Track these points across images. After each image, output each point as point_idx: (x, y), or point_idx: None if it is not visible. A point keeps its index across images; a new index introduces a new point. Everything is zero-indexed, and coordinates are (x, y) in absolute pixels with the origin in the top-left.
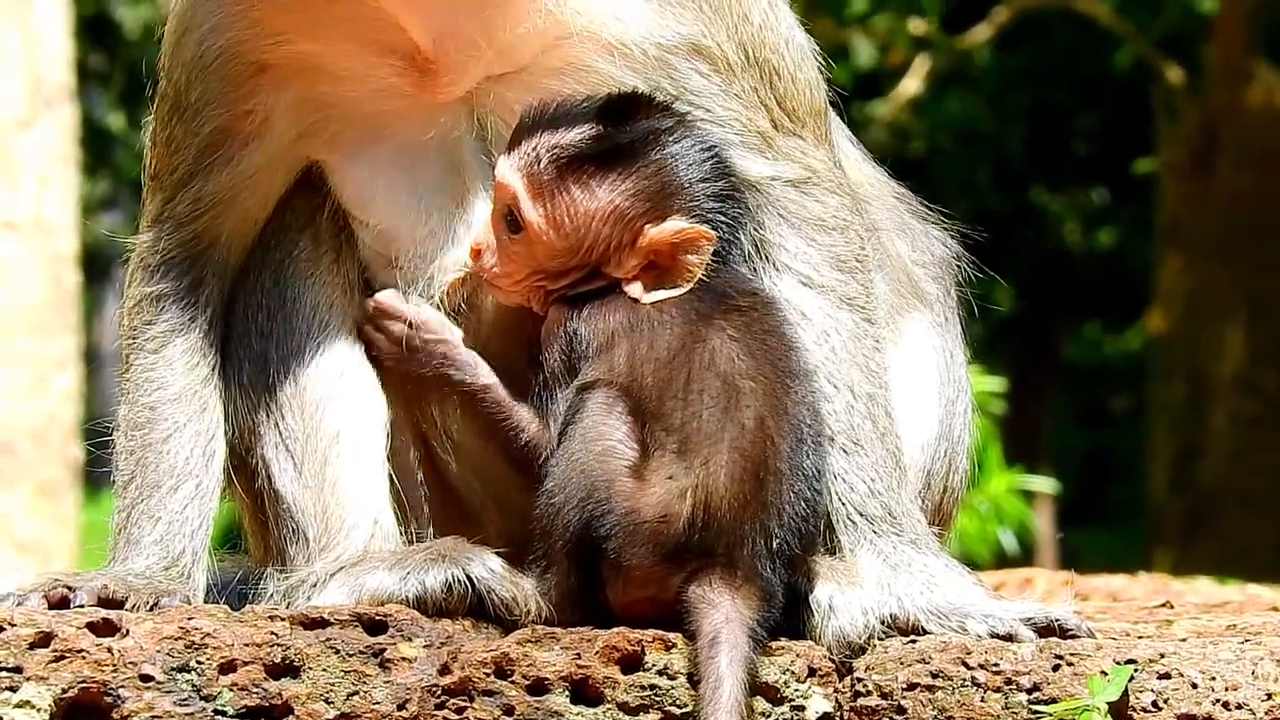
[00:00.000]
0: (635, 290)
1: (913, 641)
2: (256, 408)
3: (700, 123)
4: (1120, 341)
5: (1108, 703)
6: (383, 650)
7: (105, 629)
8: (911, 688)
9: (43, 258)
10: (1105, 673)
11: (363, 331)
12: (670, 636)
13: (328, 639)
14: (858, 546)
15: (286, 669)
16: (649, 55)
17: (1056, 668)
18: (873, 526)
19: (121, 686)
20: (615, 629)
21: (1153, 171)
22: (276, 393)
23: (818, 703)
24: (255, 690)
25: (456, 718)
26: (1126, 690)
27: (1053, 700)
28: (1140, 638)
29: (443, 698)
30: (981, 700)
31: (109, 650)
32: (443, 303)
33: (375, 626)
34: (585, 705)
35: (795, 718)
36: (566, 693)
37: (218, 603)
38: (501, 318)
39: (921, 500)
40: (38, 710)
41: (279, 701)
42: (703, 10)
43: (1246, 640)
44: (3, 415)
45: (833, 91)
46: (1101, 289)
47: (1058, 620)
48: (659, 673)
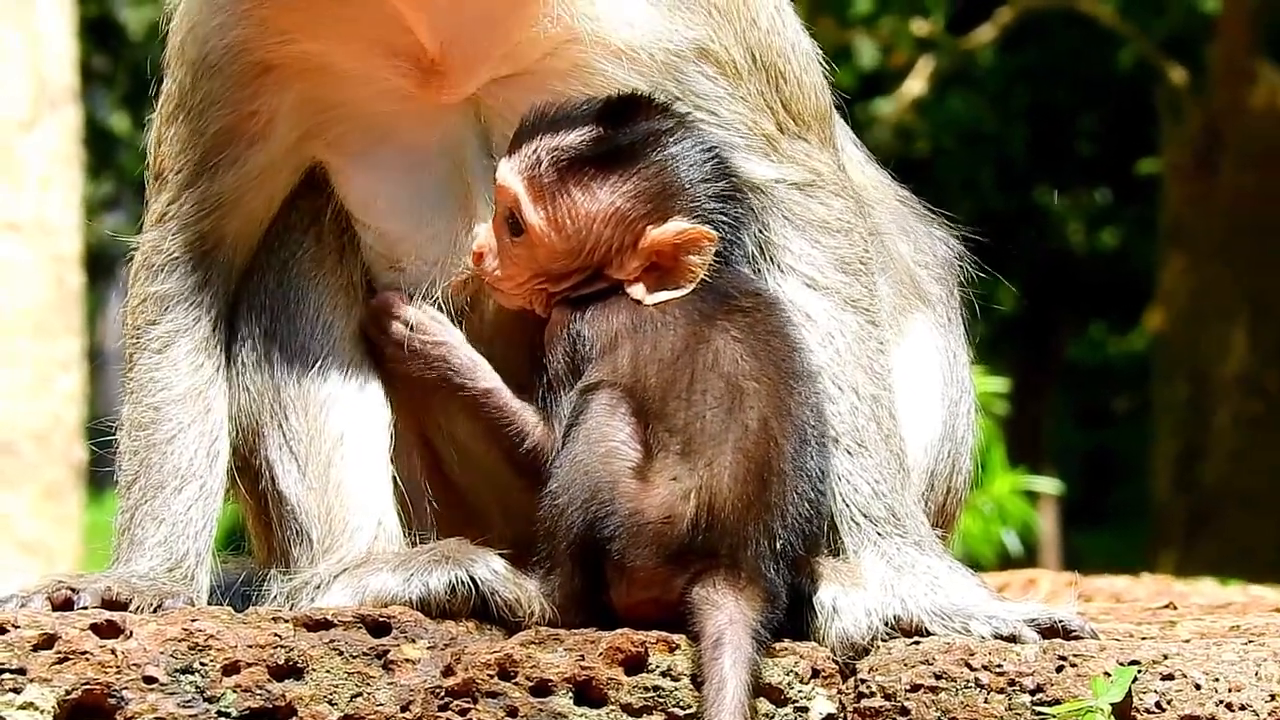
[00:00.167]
0: (638, 292)
1: (916, 643)
2: (260, 409)
3: (706, 125)
4: (1123, 342)
5: (1111, 704)
6: (386, 652)
7: (109, 631)
8: (915, 689)
9: (46, 259)
10: (1109, 674)
11: (365, 333)
12: (674, 638)
13: (331, 640)
14: (861, 548)
15: (290, 670)
16: (657, 60)
17: (1060, 669)
18: (876, 528)
19: (125, 688)
20: (619, 630)
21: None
22: (280, 394)
23: (821, 704)
24: (258, 692)
25: (460, 719)
26: (1130, 691)
27: (1056, 701)
28: (1144, 639)
29: (446, 699)
30: (985, 701)
31: (112, 652)
32: (445, 305)
33: (379, 628)
34: (589, 707)
35: (798, 719)
36: (570, 694)
37: (221, 604)
38: (504, 320)
39: (925, 501)
40: (41, 712)
41: (282, 703)
42: (711, 15)
43: (1250, 641)
44: (6, 416)
45: (836, 95)
46: (1104, 289)
47: (1061, 621)
48: (663, 674)
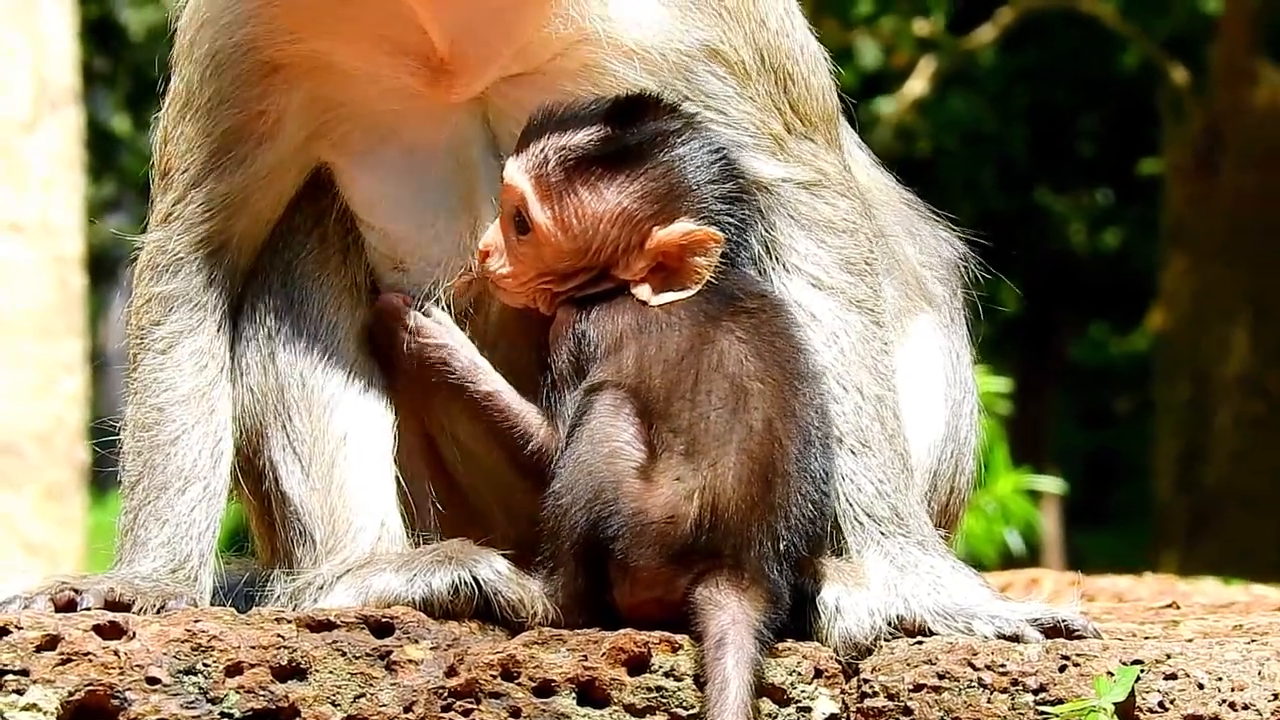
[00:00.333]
0: (643, 292)
1: (919, 642)
2: (264, 410)
3: (714, 125)
4: (1125, 342)
5: (1114, 703)
6: (389, 652)
7: (112, 632)
8: (918, 689)
9: (48, 260)
10: (1112, 673)
11: (369, 334)
12: (677, 638)
13: (334, 641)
14: (865, 548)
15: (293, 671)
16: (668, 60)
17: (1063, 668)
18: (880, 528)
19: (128, 689)
20: (622, 630)
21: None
22: (284, 395)
23: (824, 704)
24: (262, 693)
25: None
26: (1133, 691)
27: (1059, 701)
28: (1146, 638)
29: (449, 700)
30: (988, 701)
31: (115, 653)
32: (449, 305)
33: (382, 629)
34: (592, 707)
35: (801, 719)
36: (573, 694)
37: (224, 605)
38: (508, 321)
39: (928, 501)
40: (44, 713)
41: (285, 704)
42: (721, 16)
43: (1253, 641)
44: (9, 418)
45: (841, 98)
46: (1106, 290)
47: (1064, 621)
48: (666, 674)
